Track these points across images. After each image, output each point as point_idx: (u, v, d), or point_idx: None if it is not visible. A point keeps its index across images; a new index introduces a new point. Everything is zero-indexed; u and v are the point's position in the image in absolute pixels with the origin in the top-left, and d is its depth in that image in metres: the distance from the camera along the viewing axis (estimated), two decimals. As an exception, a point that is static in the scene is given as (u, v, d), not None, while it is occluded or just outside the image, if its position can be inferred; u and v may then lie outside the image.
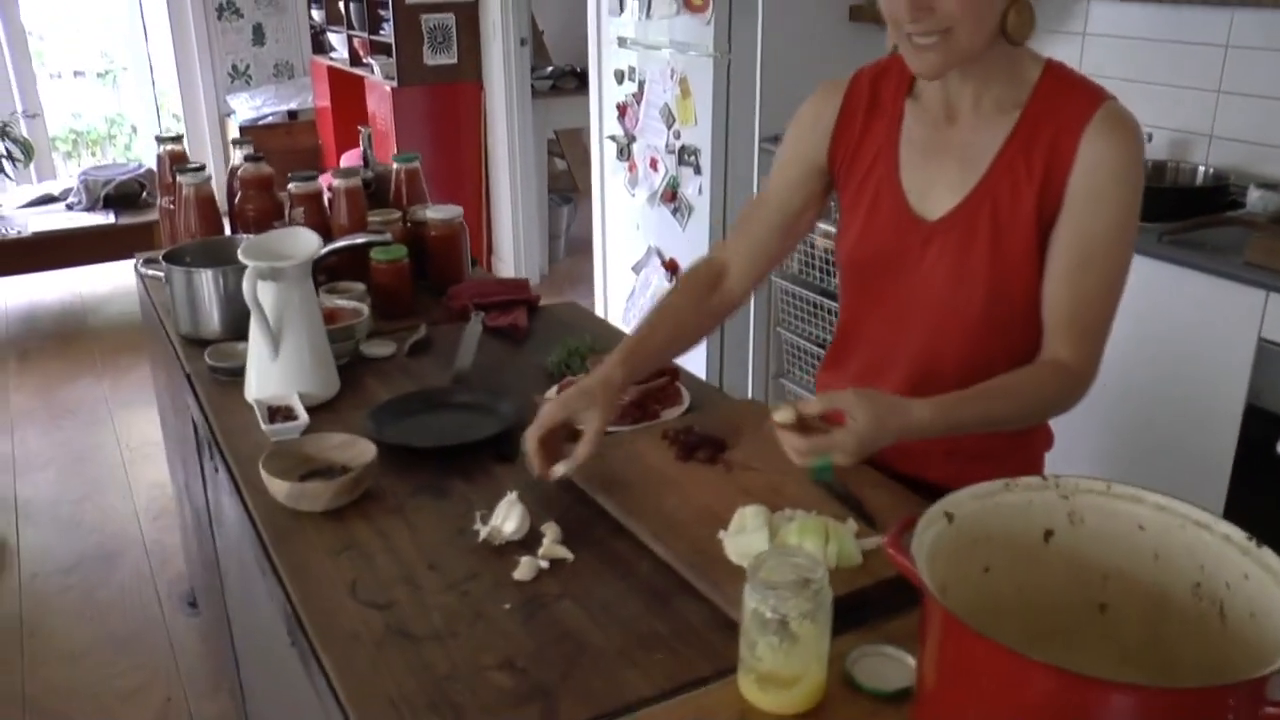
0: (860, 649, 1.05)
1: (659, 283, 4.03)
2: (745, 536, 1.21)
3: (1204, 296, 2.25)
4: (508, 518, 1.28)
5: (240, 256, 1.56)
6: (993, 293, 1.30)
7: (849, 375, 1.49)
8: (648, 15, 3.75)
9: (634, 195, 4.06)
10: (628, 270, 4.23)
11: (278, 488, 1.34)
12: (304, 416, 1.55)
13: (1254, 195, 2.50)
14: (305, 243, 1.61)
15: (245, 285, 1.52)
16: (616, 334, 2.05)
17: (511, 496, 1.31)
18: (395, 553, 1.28)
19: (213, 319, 1.90)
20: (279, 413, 1.57)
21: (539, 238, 5.60)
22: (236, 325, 1.87)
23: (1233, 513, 2.28)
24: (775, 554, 0.99)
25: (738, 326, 3.80)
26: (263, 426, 1.54)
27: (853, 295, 1.47)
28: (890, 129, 1.37)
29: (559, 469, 1.34)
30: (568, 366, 1.77)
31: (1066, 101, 1.26)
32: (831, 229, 3.47)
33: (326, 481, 1.35)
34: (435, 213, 2.18)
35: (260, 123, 6.44)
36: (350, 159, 5.87)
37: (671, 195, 3.82)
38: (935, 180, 1.33)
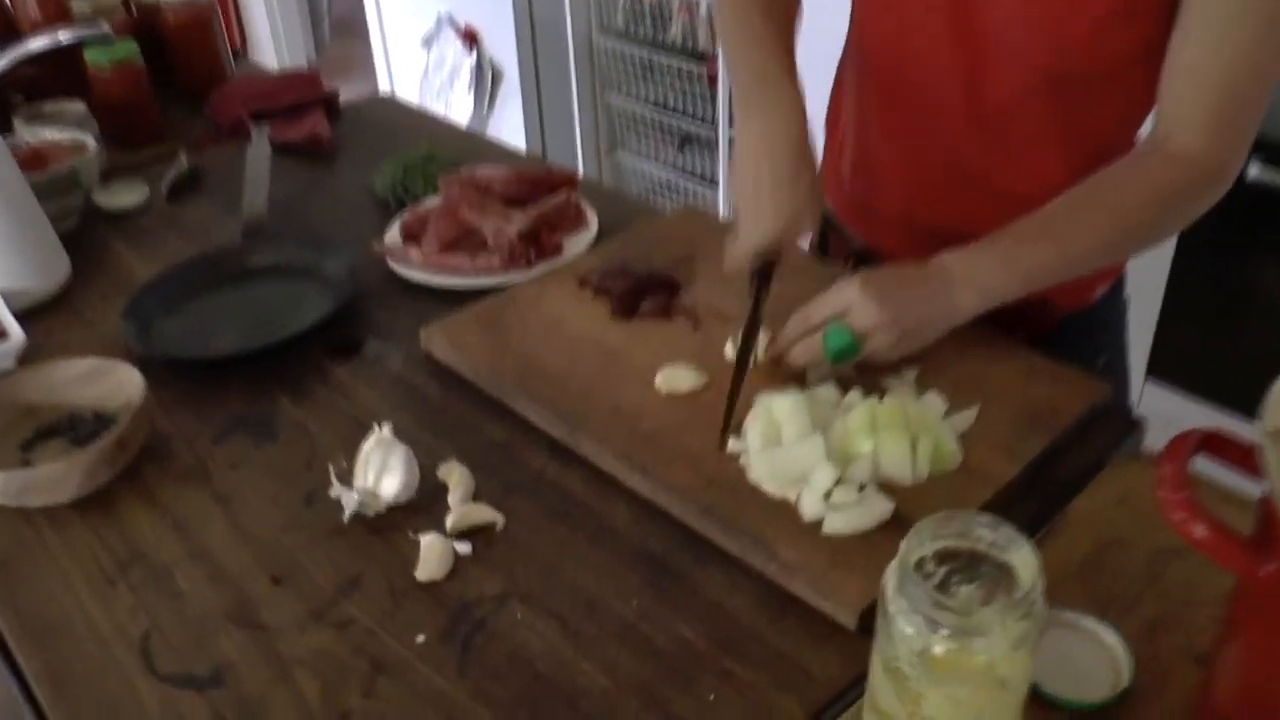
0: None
1: (457, 57, 3.40)
2: (785, 450, 0.76)
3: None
4: (385, 469, 0.79)
5: None
6: (1066, 45, 0.84)
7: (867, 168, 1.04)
8: None
9: (414, -45, 3.35)
10: (415, 47, 3.56)
11: (-16, 475, 0.80)
12: (17, 333, 0.98)
13: None
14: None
15: None
16: (456, 134, 1.50)
17: (384, 433, 0.81)
18: (208, 560, 0.77)
19: None
20: (-27, 329, 1.00)
21: (300, 22, 4.75)
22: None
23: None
24: (930, 530, 0.54)
25: (559, 94, 3.23)
26: (-52, 359, 0.96)
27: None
28: None
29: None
30: (406, 189, 1.23)
31: None
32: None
33: (72, 454, 0.81)
34: (169, -9, 1.53)
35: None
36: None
37: (461, -51, 3.14)
38: None
